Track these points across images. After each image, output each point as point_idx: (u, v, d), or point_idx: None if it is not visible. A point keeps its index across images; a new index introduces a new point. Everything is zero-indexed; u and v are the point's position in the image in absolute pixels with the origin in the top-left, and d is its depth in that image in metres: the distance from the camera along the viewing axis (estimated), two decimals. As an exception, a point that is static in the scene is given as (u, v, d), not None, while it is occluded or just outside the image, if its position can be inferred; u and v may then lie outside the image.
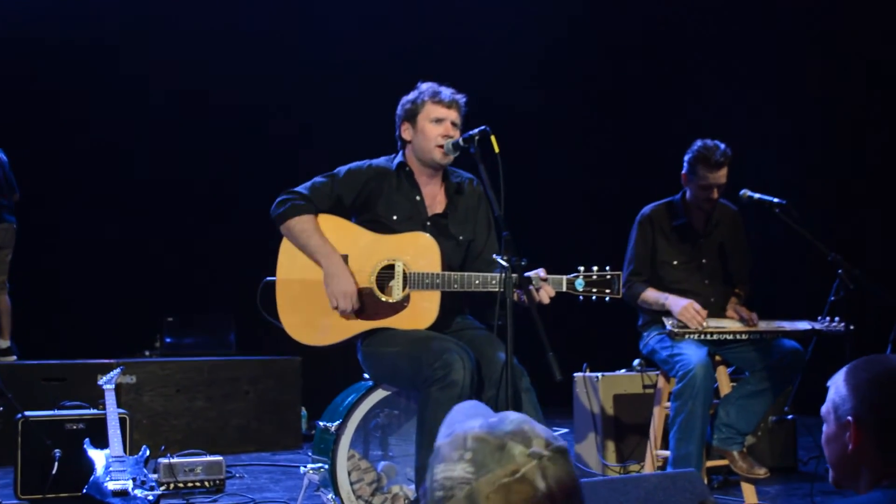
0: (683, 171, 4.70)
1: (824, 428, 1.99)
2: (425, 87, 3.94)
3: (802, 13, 8.15)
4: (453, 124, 3.86)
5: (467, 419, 1.47)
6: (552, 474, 1.36)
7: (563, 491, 1.36)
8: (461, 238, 3.95)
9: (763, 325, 4.54)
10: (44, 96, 7.67)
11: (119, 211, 7.83)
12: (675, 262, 4.75)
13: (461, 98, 3.93)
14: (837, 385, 1.97)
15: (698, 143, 4.63)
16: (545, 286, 3.55)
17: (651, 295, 4.65)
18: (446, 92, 3.91)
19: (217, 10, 8.04)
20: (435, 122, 3.86)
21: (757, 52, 8.49)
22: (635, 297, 4.68)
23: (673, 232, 4.77)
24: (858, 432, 1.90)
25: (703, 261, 4.77)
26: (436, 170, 3.94)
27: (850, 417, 1.91)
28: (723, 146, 4.58)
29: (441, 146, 3.82)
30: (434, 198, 3.98)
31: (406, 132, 3.95)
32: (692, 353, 4.35)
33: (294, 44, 8.24)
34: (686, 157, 4.66)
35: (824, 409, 1.99)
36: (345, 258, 3.78)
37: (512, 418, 1.43)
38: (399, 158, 3.97)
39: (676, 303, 4.51)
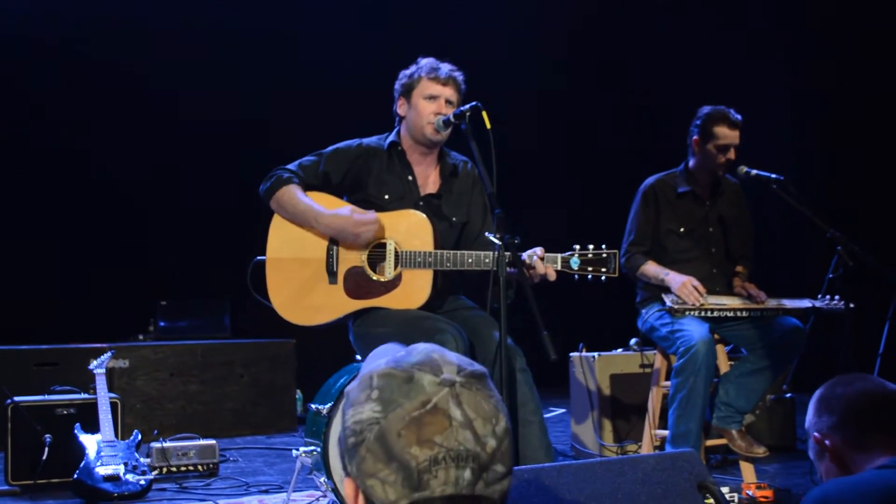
0: (695, 137, 4.63)
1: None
2: (424, 62, 3.87)
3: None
4: (448, 102, 3.79)
5: (377, 359, 1.38)
6: (468, 401, 1.27)
7: (484, 417, 1.27)
8: (454, 220, 3.89)
9: (767, 302, 4.49)
10: (44, 82, 7.61)
11: (112, 194, 7.76)
12: (681, 230, 4.68)
13: (459, 75, 3.86)
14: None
15: (707, 108, 4.59)
16: (548, 267, 3.49)
17: (651, 269, 4.58)
18: (444, 68, 3.83)
19: (217, 8, 7.97)
20: (429, 98, 3.79)
21: (760, 31, 8.43)
22: (635, 269, 4.62)
23: (678, 200, 4.71)
24: (828, 444, 2.04)
25: (710, 229, 4.72)
26: (428, 148, 3.87)
27: (816, 434, 2.07)
28: (732, 109, 4.56)
29: (432, 123, 3.75)
30: (427, 178, 3.91)
31: (401, 108, 3.89)
32: (694, 329, 4.29)
33: (291, 34, 8.17)
34: (697, 122, 4.61)
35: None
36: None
37: (420, 349, 1.34)
38: (392, 137, 3.91)
39: (676, 279, 4.45)
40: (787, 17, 8.23)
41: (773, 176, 4.44)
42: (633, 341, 5.61)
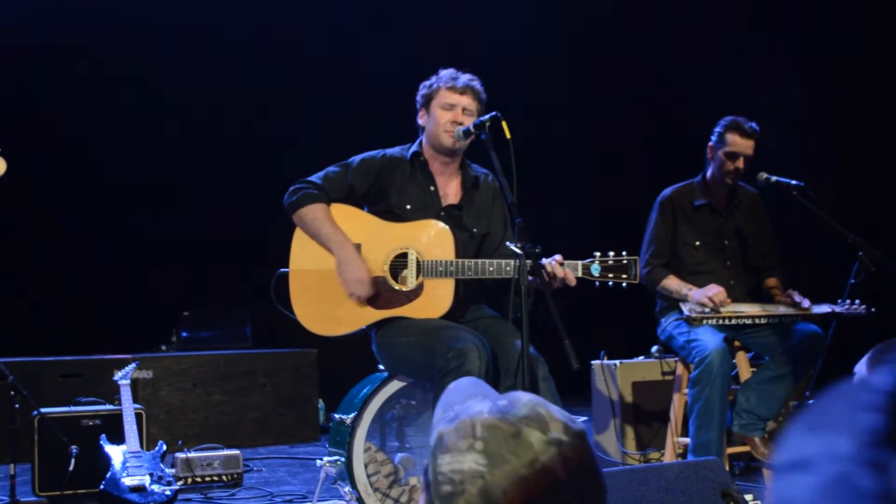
0: (710, 143, 4.65)
1: None
2: (444, 73, 3.92)
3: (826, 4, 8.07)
4: (465, 110, 3.82)
5: (468, 400, 1.33)
6: (574, 462, 1.22)
7: (587, 479, 1.23)
8: (475, 231, 3.91)
9: (782, 309, 4.49)
10: (55, 93, 7.66)
11: (133, 207, 7.82)
12: (697, 243, 4.70)
13: (477, 85, 3.88)
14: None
15: (728, 117, 4.62)
16: (567, 272, 3.51)
17: (673, 284, 4.59)
18: (462, 78, 3.87)
19: (219, 8, 8.01)
20: (447, 107, 3.82)
21: (782, 37, 8.41)
22: (656, 283, 4.63)
23: (694, 213, 4.72)
24: None
25: (725, 242, 4.72)
26: (448, 156, 3.90)
27: None
28: (753, 122, 4.58)
29: (449, 131, 3.78)
30: (449, 189, 3.94)
31: (422, 118, 3.93)
32: (708, 339, 4.30)
33: (300, 38, 8.20)
34: (715, 130, 4.63)
35: None
36: (357, 247, 3.75)
37: (524, 400, 1.28)
38: (414, 147, 3.94)
39: (698, 293, 4.46)
40: (804, 17, 8.22)
41: (794, 182, 4.45)
42: (654, 349, 5.61)
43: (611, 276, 3.59)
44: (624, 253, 3.61)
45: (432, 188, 3.89)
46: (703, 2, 8.60)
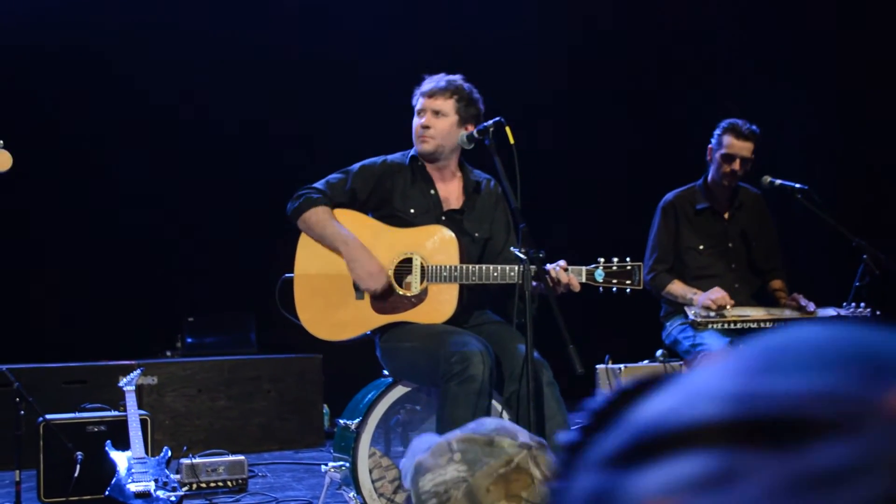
0: (710, 145, 4.66)
1: None
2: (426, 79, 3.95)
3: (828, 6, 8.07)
4: (438, 113, 3.83)
5: (421, 446, 1.45)
6: (543, 462, 1.36)
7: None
8: (477, 235, 3.92)
9: (787, 313, 4.48)
10: (55, 92, 7.67)
11: (136, 210, 7.81)
12: (700, 247, 4.69)
13: (443, 83, 3.87)
14: None
15: (728, 119, 4.63)
16: (571, 277, 3.52)
17: (678, 289, 4.59)
18: (432, 81, 3.89)
19: (221, 9, 8.01)
20: (418, 113, 3.88)
21: (783, 41, 8.41)
22: (660, 288, 4.63)
23: (696, 217, 4.72)
24: None
25: (729, 245, 4.72)
26: (431, 161, 3.91)
27: None
28: (753, 125, 4.58)
29: (420, 136, 3.81)
30: (450, 193, 3.95)
31: None
32: (713, 344, 4.30)
33: (304, 39, 8.20)
34: (715, 132, 4.65)
35: None
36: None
37: (490, 420, 1.44)
38: (412, 152, 3.96)
39: (702, 297, 4.45)
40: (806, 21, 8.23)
41: (798, 186, 4.45)
42: (659, 353, 5.60)
43: (615, 281, 3.60)
44: (628, 259, 3.61)
45: (433, 192, 3.90)
46: (703, 2, 8.60)
